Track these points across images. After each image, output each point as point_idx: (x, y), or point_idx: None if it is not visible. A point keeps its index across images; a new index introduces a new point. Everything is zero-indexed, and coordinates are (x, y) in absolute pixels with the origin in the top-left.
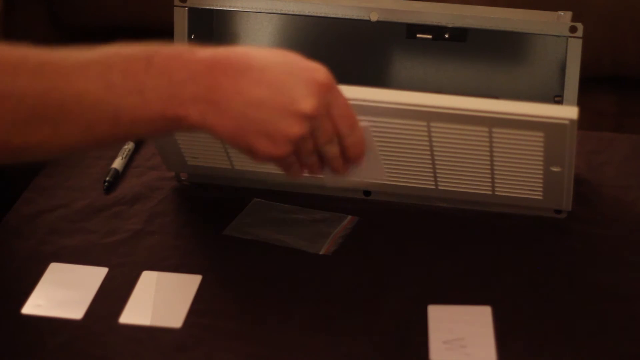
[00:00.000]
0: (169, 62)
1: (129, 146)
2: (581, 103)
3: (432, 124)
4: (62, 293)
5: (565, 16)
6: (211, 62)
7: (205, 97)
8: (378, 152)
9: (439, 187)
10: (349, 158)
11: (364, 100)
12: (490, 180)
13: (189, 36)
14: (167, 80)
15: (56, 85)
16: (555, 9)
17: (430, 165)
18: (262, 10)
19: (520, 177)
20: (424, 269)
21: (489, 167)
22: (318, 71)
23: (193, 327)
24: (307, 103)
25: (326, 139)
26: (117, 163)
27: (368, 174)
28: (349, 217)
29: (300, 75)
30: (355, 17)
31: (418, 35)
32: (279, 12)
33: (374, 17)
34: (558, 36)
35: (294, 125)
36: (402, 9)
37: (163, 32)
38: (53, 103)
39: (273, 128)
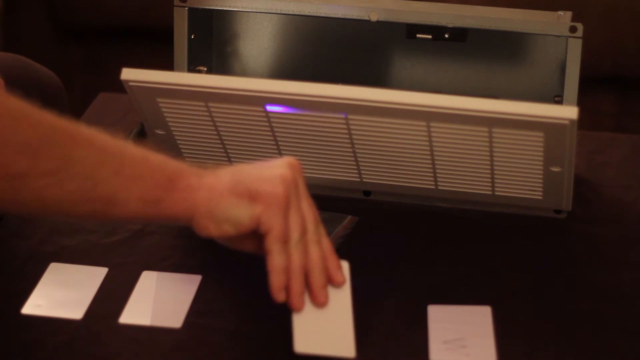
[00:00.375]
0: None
1: None
2: (581, 103)
3: (432, 124)
4: (62, 293)
5: (565, 16)
6: None
7: (200, 168)
8: (352, 318)
9: (439, 187)
10: (327, 256)
11: (364, 100)
12: (490, 180)
13: (189, 36)
14: (164, 155)
15: (68, 127)
16: (555, 9)
17: (430, 165)
18: (262, 10)
19: (520, 177)
20: (424, 269)
21: (489, 167)
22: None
23: (193, 327)
24: (286, 160)
25: (311, 216)
26: None
27: (336, 341)
28: (349, 217)
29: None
30: (355, 17)
31: (418, 35)
32: (279, 12)
33: (374, 17)
34: (558, 36)
35: (282, 168)
36: (402, 9)
37: (163, 32)
38: (64, 135)
39: (265, 169)
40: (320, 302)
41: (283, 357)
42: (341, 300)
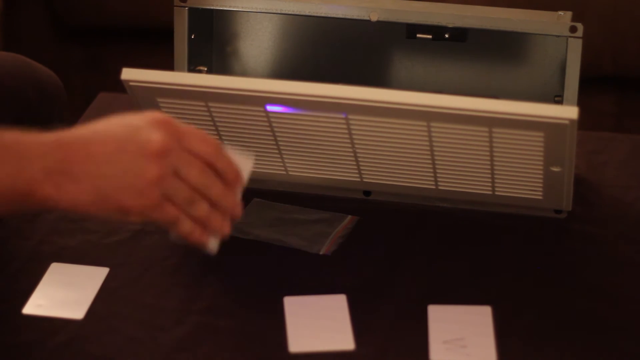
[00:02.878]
0: (16, 136)
1: None
2: (581, 103)
3: (432, 124)
4: (62, 293)
5: (565, 16)
6: (59, 138)
7: (57, 169)
8: (347, 311)
9: (439, 187)
10: (230, 182)
11: (364, 100)
12: (490, 180)
13: (189, 36)
14: (15, 157)
15: None
16: (555, 9)
17: (430, 165)
18: (262, 10)
19: (520, 177)
20: (424, 269)
21: (489, 167)
22: (151, 112)
23: (193, 327)
24: (154, 141)
25: (196, 173)
26: None
27: (333, 335)
28: (349, 217)
29: (141, 121)
30: (355, 17)
31: (418, 35)
32: (279, 12)
33: (374, 17)
34: (558, 36)
35: (150, 166)
36: (402, 9)
37: (163, 32)
38: None
39: (132, 177)
40: (226, 231)
41: (283, 357)
42: (336, 296)
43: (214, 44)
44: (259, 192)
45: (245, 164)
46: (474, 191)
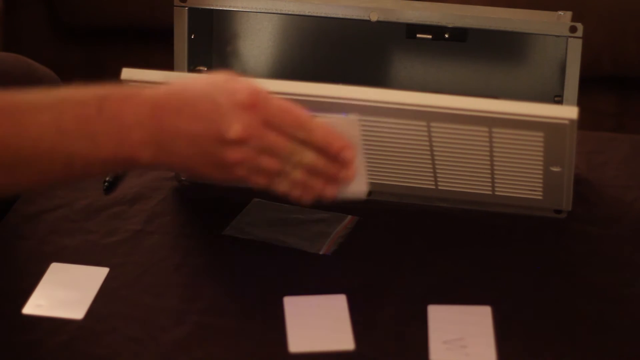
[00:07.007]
0: (118, 106)
1: None
2: (581, 103)
3: (432, 124)
4: (62, 293)
5: (565, 16)
6: (153, 104)
7: (151, 141)
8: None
9: (439, 187)
10: (331, 151)
11: (364, 100)
12: (490, 180)
13: (189, 36)
14: (117, 125)
15: (12, 132)
16: (555, 9)
17: (430, 165)
18: (262, 10)
19: (520, 177)
20: (424, 269)
21: (489, 167)
22: (240, 93)
23: (193, 327)
24: (233, 130)
25: (283, 152)
26: None
27: (333, 335)
28: (349, 217)
29: (225, 102)
30: (355, 17)
31: (418, 35)
32: (279, 12)
33: (374, 17)
34: (558, 36)
35: (229, 152)
36: (402, 9)
37: (163, 32)
38: (9, 150)
39: (214, 158)
40: (331, 195)
41: (283, 357)
42: (336, 296)
43: (213, 44)
44: (259, 192)
45: (350, 125)
46: (473, 191)
